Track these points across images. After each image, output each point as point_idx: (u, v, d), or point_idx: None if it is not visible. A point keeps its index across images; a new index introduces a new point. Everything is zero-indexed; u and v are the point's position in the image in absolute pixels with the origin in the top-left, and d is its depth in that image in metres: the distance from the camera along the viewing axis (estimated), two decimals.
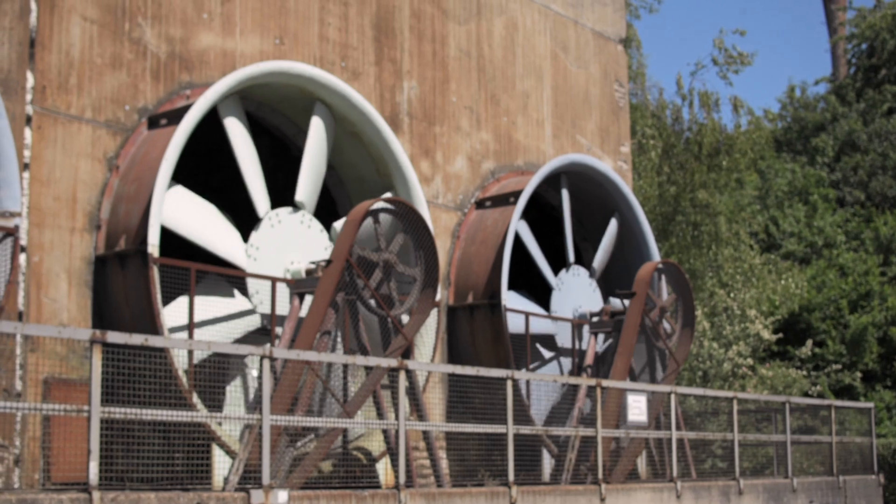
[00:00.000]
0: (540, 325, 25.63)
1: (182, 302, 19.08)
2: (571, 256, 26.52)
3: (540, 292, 26.45)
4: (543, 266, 25.90)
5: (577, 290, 26.63)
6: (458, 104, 25.63)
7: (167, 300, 18.71)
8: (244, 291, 20.44)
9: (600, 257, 27.31)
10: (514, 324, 24.48)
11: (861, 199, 59.19)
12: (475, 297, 24.34)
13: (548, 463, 23.45)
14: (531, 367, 25.03)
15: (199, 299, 19.39)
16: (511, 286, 24.94)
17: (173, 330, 18.84)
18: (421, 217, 20.50)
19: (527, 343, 24.71)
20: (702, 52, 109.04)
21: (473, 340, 24.30)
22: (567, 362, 26.46)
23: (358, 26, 23.60)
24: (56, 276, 18.25)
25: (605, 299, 27.37)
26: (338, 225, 21.61)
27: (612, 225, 27.63)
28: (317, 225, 21.35)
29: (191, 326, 18.69)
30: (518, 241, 25.00)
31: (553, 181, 27.01)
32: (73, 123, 18.71)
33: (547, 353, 26.20)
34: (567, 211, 26.48)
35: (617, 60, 30.66)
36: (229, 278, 20.28)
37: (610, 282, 28.07)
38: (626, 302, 24.90)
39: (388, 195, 22.52)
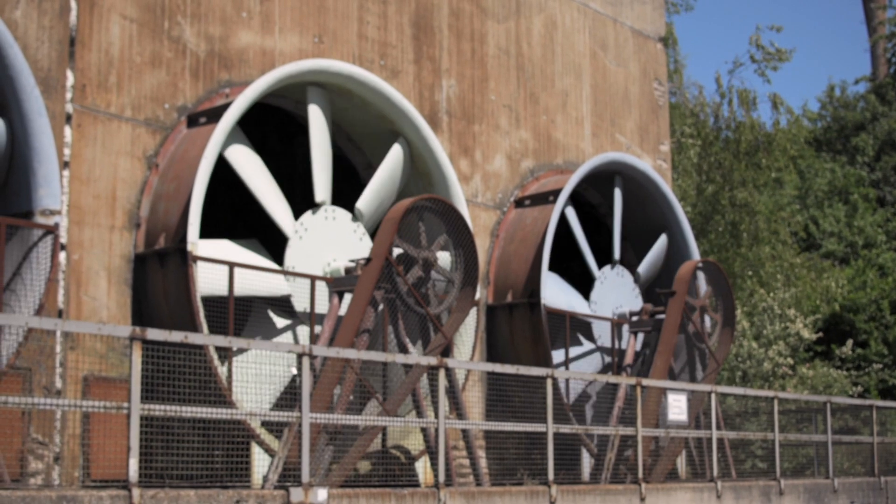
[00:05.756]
0: (577, 310, 25.56)
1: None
2: (617, 254, 26.39)
3: (579, 286, 26.31)
4: (588, 254, 25.75)
5: (618, 290, 26.50)
6: (497, 102, 25.57)
7: (207, 300, 18.71)
8: (291, 314, 20.44)
9: (646, 268, 27.13)
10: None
11: None
12: (514, 296, 24.27)
13: (587, 462, 23.36)
14: (568, 349, 24.88)
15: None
16: (550, 266, 24.76)
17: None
18: (460, 215, 20.45)
19: (566, 331, 24.64)
20: (739, 50, 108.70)
21: (512, 339, 24.23)
22: (604, 352, 26.37)
23: (397, 25, 23.56)
24: (96, 274, 18.28)
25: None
26: (360, 206, 21.56)
27: (662, 240, 27.47)
28: (340, 212, 21.20)
29: (230, 324, 18.67)
30: (557, 239, 24.91)
31: (592, 180, 26.92)
32: (112, 122, 18.74)
33: (585, 342, 26.06)
34: (618, 210, 26.32)
35: (656, 58, 30.53)
36: (272, 307, 20.29)
37: (650, 283, 27.92)
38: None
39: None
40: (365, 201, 21.67)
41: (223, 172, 20.34)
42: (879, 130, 61.38)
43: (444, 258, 20.67)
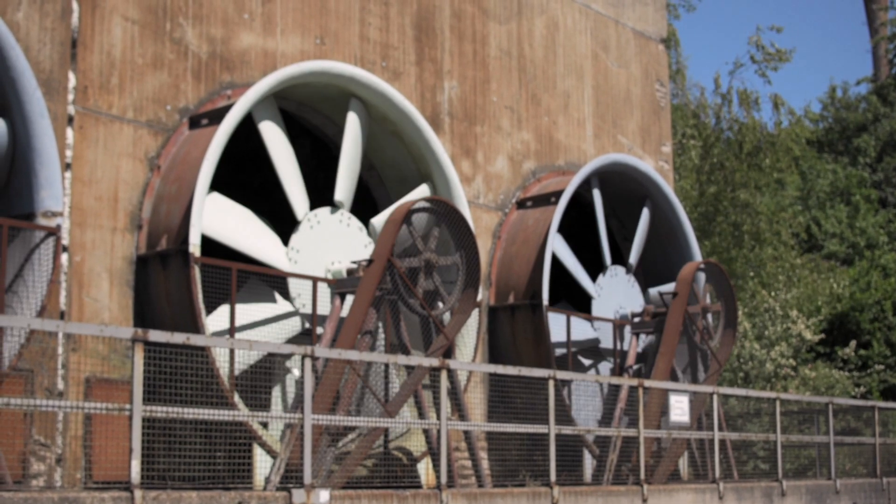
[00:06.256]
0: (581, 332, 25.50)
1: (224, 311, 19.06)
2: (608, 259, 26.30)
3: (580, 299, 26.30)
4: (582, 278, 25.61)
5: (616, 292, 26.47)
6: (499, 104, 25.56)
7: (208, 301, 18.70)
8: (286, 295, 20.42)
9: (636, 250, 26.97)
10: (556, 334, 24.30)
11: None
12: (516, 298, 24.26)
13: (589, 463, 23.34)
14: (570, 351, 24.88)
15: (240, 307, 19.42)
16: (552, 290, 24.70)
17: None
18: (462, 217, 20.44)
19: (568, 350, 24.63)
20: (740, 51, 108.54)
21: (514, 340, 24.22)
22: (609, 369, 26.32)
23: (399, 26, 23.56)
24: (98, 275, 18.28)
25: (645, 291, 27.22)
26: (375, 221, 21.56)
27: (645, 214, 27.35)
28: (356, 222, 21.30)
29: (232, 326, 18.68)
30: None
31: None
32: (114, 123, 18.74)
33: (589, 363, 26.07)
34: (600, 212, 26.12)
35: (658, 60, 30.53)
36: (270, 282, 20.26)
37: (653, 283, 27.90)
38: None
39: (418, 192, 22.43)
40: (341, 190, 21.53)
41: (225, 174, 20.36)
42: (881, 131, 61.38)
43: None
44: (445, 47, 24.54)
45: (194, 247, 18.14)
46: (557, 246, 24.80)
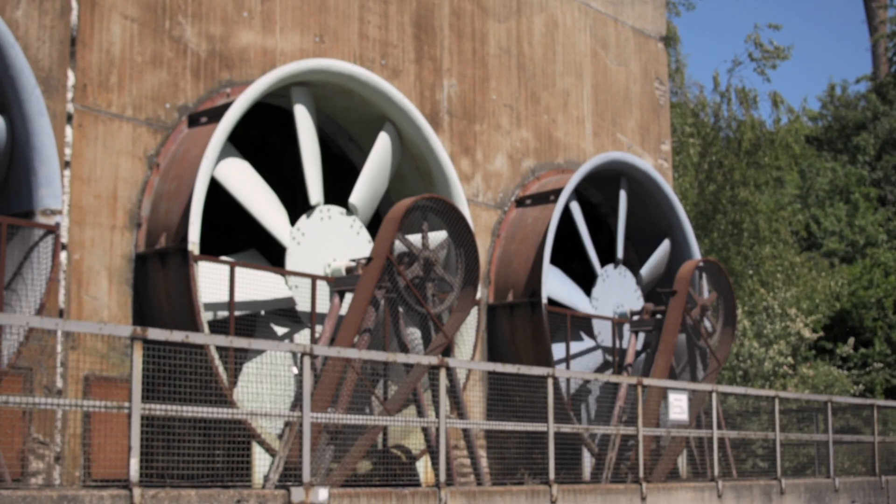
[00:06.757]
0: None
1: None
2: (597, 269, 26.19)
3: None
4: (579, 303, 25.53)
5: (612, 292, 26.43)
6: (498, 102, 25.56)
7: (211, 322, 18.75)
8: (295, 320, 20.47)
9: (620, 237, 26.80)
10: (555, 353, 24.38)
11: None
12: (515, 296, 24.26)
13: (588, 462, 23.35)
14: (569, 347, 24.86)
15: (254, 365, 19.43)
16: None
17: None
18: (461, 215, 20.42)
19: (567, 350, 24.64)
20: (739, 49, 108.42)
21: (513, 339, 24.23)
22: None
23: (398, 24, 23.56)
24: (97, 273, 18.28)
25: (637, 275, 27.24)
26: (354, 199, 21.43)
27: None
28: (336, 210, 21.12)
29: (231, 323, 18.67)
30: (558, 239, 24.90)
31: (593, 179, 26.90)
32: (113, 121, 18.74)
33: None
34: (582, 226, 25.90)
35: (657, 58, 30.52)
36: (276, 319, 20.28)
37: (653, 284, 27.91)
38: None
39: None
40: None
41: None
42: (880, 130, 61.37)
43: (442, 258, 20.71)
44: (445, 45, 24.54)
45: (193, 245, 18.15)
46: (551, 284, 24.60)
